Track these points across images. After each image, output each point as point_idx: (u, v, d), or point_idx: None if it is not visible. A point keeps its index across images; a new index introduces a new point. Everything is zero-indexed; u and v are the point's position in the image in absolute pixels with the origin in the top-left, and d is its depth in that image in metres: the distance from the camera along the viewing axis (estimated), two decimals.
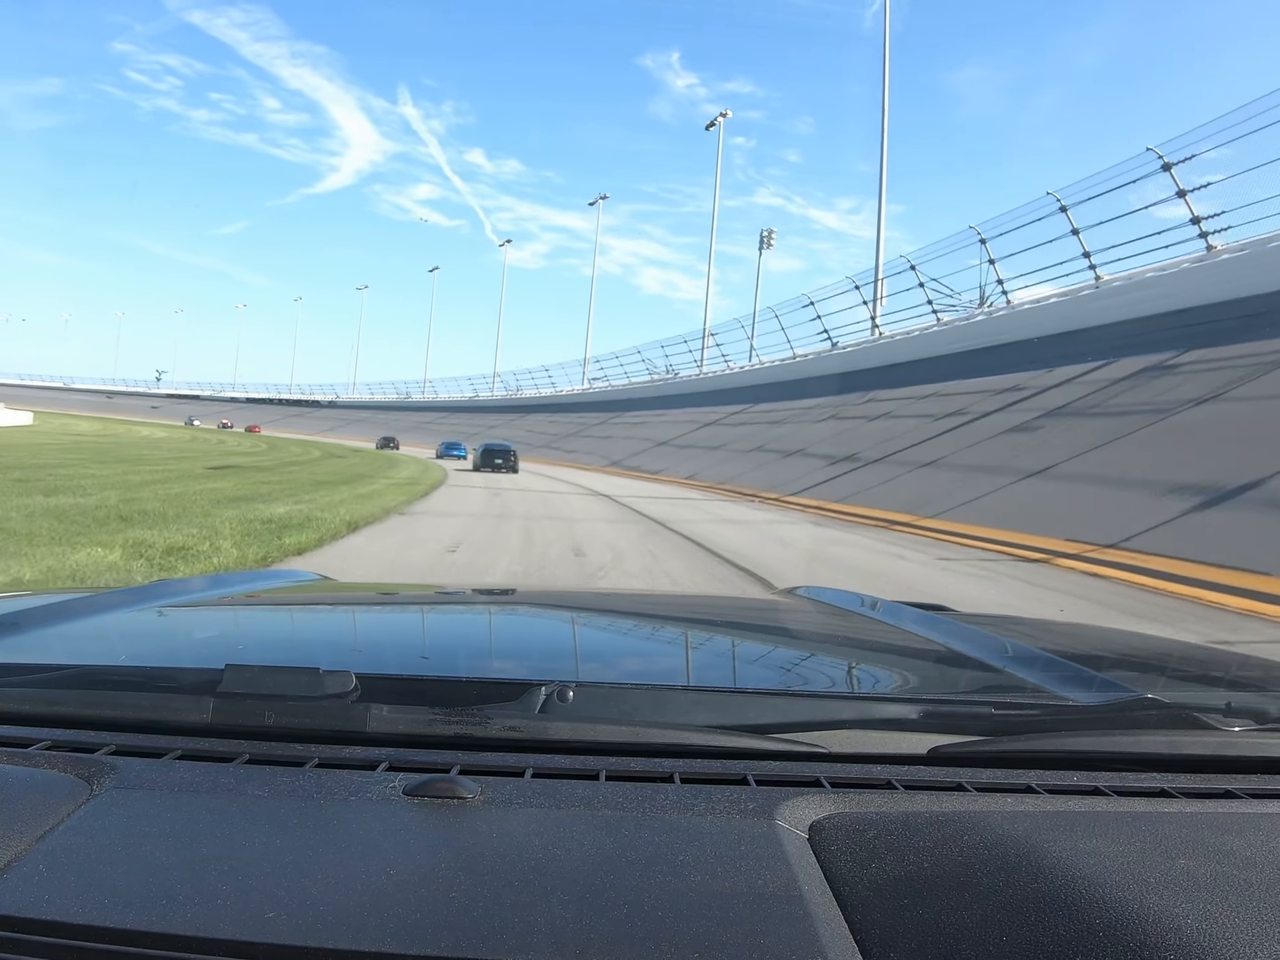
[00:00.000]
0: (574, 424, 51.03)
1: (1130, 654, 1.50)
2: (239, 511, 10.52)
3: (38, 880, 0.54)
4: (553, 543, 9.75)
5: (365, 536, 9.49)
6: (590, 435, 46.28)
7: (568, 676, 0.85)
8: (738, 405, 33.53)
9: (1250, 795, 0.74)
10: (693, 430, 34.50)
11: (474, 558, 8.34)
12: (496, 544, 9.57)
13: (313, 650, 1.28)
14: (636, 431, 40.30)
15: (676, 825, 0.64)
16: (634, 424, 42.21)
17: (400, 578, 7.08)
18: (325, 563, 6.90)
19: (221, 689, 0.79)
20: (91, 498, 11.16)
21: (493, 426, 59.56)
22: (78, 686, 0.86)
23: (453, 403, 79.17)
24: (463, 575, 7.22)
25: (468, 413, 70.93)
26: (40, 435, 38.76)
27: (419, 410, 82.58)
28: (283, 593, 1.83)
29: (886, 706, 0.87)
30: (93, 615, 1.26)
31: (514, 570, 7.51)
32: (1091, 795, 0.73)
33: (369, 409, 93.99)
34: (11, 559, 6.19)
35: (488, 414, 66.87)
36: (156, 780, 0.70)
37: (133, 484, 14.37)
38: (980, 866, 0.58)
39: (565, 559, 8.43)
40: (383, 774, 0.72)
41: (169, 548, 7.22)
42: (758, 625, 1.78)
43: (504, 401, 69.86)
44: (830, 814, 0.67)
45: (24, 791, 0.66)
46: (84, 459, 21.68)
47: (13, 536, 7.25)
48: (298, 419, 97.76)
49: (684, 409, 38.48)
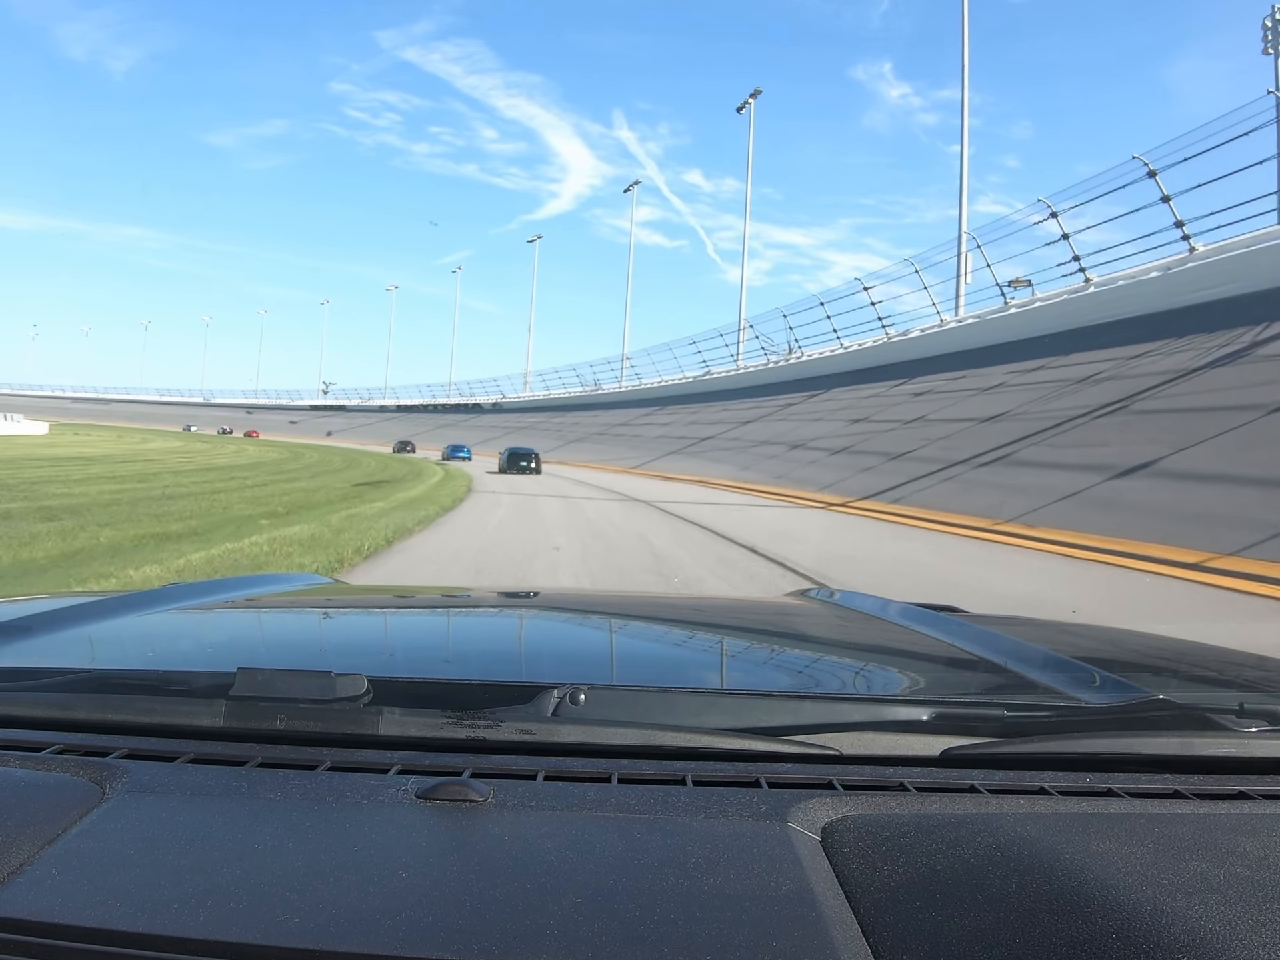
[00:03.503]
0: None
1: (1143, 654, 1.49)
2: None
3: (50, 884, 0.55)
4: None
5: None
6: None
7: (580, 679, 0.83)
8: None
9: (1264, 797, 0.73)
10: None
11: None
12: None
13: (325, 653, 1.29)
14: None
15: (689, 828, 0.64)
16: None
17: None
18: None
19: (233, 692, 0.78)
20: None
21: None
22: (89, 690, 0.85)
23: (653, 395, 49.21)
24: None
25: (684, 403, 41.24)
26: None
27: (589, 409, 53.11)
28: (294, 596, 1.82)
29: (898, 708, 0.86)
30: (104, 619, 1.25)
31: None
32: (1105, 797, 0.72)
33: (540, 410, 65.24)
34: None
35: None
36: (168, 784, 0.70)
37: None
38: (993, 869, 0.57)
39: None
40: (395, 777, 0.71)
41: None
42: (769, 628, 1.74)
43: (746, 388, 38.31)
44: (842, 816, 0.66)
45: (36, 795, 0.67)
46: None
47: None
48: (449, 429, 71.40)
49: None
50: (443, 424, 77.60)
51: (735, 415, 36.04)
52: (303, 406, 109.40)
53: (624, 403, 53.32)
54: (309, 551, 7.95)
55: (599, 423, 52.58)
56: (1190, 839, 0.63)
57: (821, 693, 1.01)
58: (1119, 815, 0.68)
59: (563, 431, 55.83)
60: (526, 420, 64.93)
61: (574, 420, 57.16)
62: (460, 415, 78.83)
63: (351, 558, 7.87)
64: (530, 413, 66.89)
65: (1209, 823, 0.67)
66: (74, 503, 12.92)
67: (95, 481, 18.53)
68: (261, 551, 7.93)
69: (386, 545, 8.98)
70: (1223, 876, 0.56)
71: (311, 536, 9.21)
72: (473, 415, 77.15)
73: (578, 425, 55.40)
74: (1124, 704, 0.86)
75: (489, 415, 74.24)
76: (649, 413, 47.77)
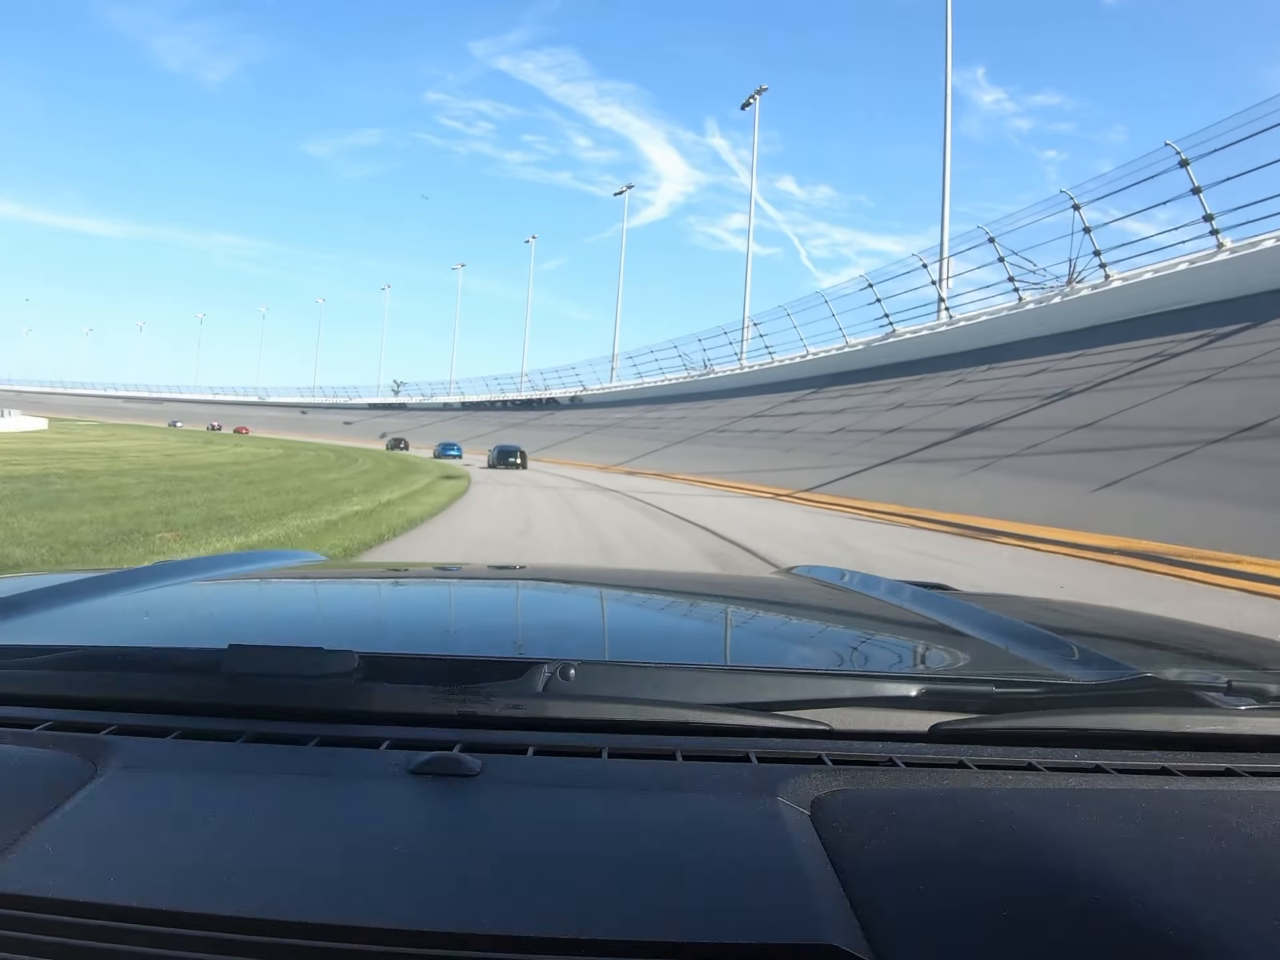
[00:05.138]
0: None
1: (1131, 632, 1.47)
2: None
3: (43, 859, 0.55)
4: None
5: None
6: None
7: (570, 654, 0.83)
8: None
9: (1251, 774, 0.73)
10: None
11: None
12: None
13: (316, 630, 1.27)
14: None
15: (679, 802, 0.64)
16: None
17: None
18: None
19: (224, 669, 0.78)
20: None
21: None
22: (81, 667, 0.85)
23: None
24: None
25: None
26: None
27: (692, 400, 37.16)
28: (285, 572, 1.78)
29: (888, 684, 0.85)
30: (96, 596, 1.23)
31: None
32: (1093, 773, 0.72)
33: (629, 404, 49.90)
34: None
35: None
36: (160, 759, 0.70)
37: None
38: (981, 843, 0.58)
39: None
40: (386, 752, 0.71)
41: None
42: (759, 603, 1.70)
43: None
44: (832, 791, 0.66)
45: (28, 771, 0.67)
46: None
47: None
48: (517, 430, 57.34)
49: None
50: (511, 423, 63.16)
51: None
52: (360, 405, 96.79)
53: (749, 387, 37.34)
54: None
55: (713, 416, 36.78)
56: (1177, 815, 0.63)
57: (811, 668, 0.99)
58: (1107, 791, 0.68)
59: (661, 430, 40.23)
60: (612, 416, 49.67)
61: (678, 413, 41.50)
62: (531, 413, 64.19)
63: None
64: (617, 407, 51.53)
65: (1196, 799, 0.67)
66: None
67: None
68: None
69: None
70: (1209, 852, 0.57)
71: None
72: (546, 412, 62.39)
73: (683, 421, 39.72)
74: (1112, 681, 0.85)
75: (565, 412, 59.28)
76: (797, 397, 31.70)
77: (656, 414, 44.08)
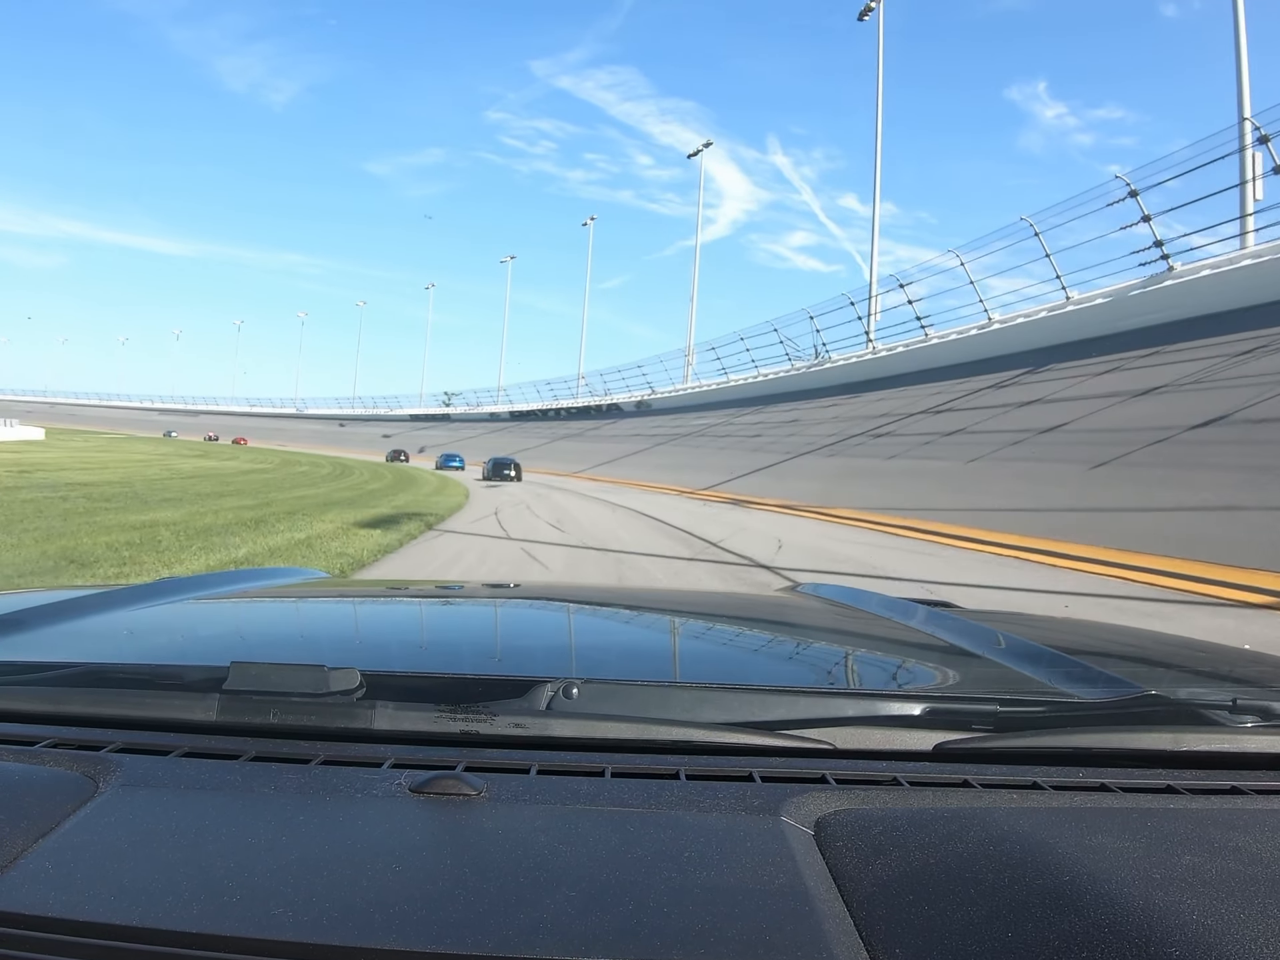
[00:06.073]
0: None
1: (1136, 650, 1.45)
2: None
3: (43, 878, 0.55)
4: None
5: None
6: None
7: (573, 673, 0.83)
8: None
9: (1257, 792, 0.73)
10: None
11: None
12: None
13: (318, 647, 1.26)
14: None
15: (682, 822, 0.64)
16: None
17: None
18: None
19: (227, 686, 0.77)
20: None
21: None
22: (83, 684, 0.84)
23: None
24: None
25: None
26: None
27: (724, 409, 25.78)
28: (288, 590, 1.78)
29: (892, 703, 0.85)
30: (98, 613, 1.23)
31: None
32: (1098, 792, 0.72)
33: (711, 408, 39.05)
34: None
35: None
36: (162, 778, 0.70)
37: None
38: (986, 863, 0.57)
39: None
40: (388, 771, 0.71)
41: None
42: (763, 622, 1.69)
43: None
44: (836, 810, 0.66)
45: (29, 789, 0.66)
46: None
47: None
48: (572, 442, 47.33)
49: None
50: (564, 434, 52.94)
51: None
52: (401, 417, 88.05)
53: (879, 379, 26.19)
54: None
55: (841, 416, 25.71)
56: (1183, 834, 0.62)
57: (815, 687, 0.99)
58: (1112, 810, 0.68)
59: (763, 440, 29.32)
60: (690, 423, 38.90)
61: (788, 414, 30.44)
62: (589, 421, 53.75)
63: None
64: (694, 412, 40.68)
65: (1202, 818, 0.66)
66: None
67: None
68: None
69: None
70: (1215, 872, 0.56)
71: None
72: (607, 420, 51.89)
73: (795, 425, 28.71)
74: (1117, 699, 0.84)
75: (630, 420, 48.65)
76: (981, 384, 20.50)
77: (748, 418, 33.29)
